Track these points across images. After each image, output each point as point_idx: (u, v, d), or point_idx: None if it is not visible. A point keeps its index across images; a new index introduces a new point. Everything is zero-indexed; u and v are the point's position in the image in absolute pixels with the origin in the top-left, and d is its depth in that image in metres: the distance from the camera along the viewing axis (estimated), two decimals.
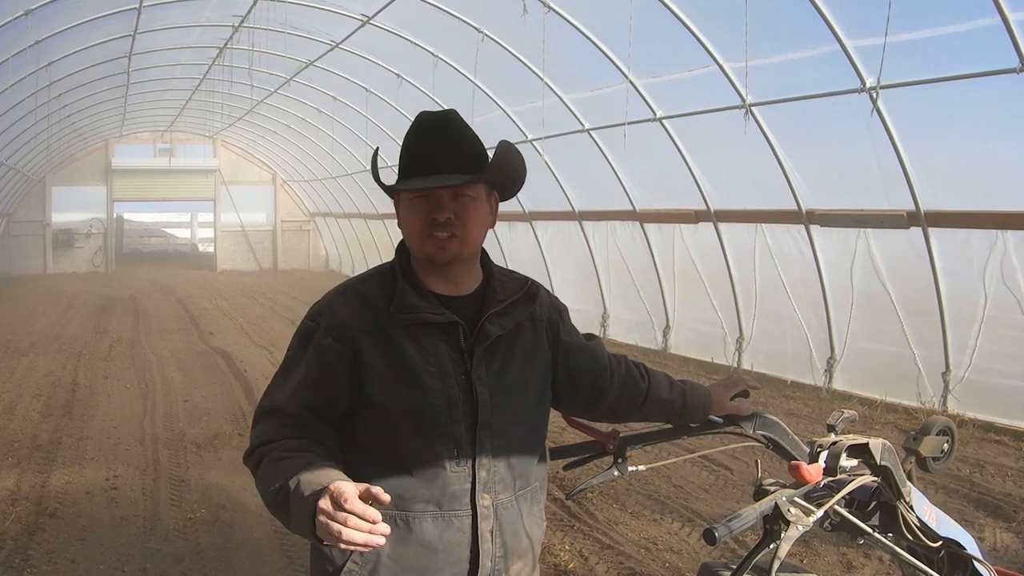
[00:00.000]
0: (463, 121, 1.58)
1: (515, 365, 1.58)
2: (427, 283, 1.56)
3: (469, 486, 1.51)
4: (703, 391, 1.82)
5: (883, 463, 1.60)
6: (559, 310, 1.72)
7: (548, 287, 11.02)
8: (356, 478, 1.49)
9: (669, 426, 1.84)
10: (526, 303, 1.61)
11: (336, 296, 1.57)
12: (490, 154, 1.58)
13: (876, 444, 1.59)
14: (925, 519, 1.68)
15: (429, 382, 1.50)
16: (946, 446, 1.75)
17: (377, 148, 2.10)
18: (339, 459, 1.49)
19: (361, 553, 1.49)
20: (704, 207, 8.28)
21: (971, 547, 1.73)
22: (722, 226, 8.23)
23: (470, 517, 1.52)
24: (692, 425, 1.83)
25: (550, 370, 1.67)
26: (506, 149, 1.58)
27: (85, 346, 10.36)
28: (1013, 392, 6.04)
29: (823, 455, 1.57)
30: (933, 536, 1.68)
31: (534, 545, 1.63)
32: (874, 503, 1.66)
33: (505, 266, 1.82)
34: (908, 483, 1.65)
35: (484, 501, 1.52)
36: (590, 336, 1.80)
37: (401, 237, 1.62)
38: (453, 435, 1.51)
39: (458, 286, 1.58)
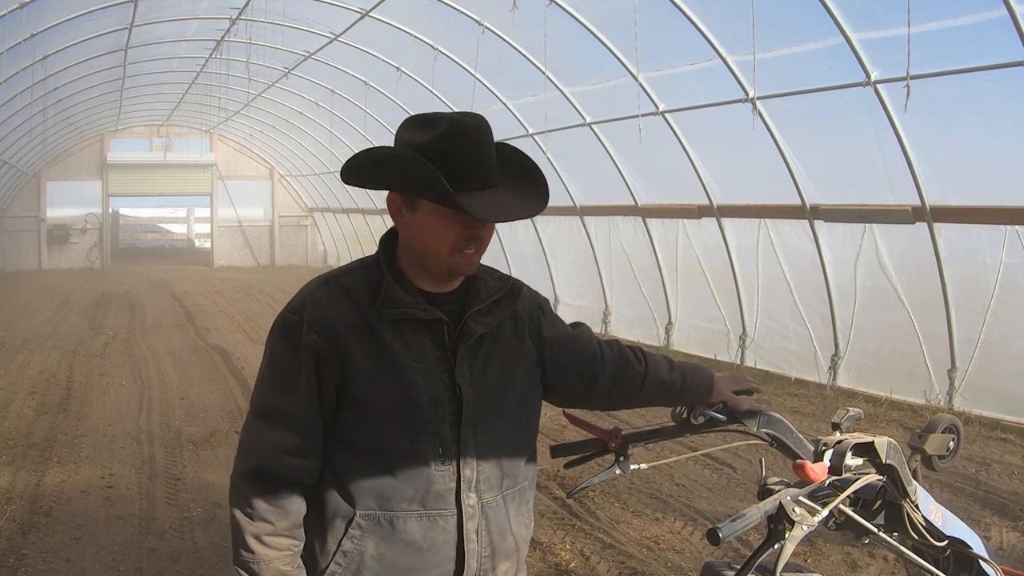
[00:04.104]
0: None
1: (496, 363, 1.57)
2: (413, 279, 1.53)
3: (454, 485, 1.50)
4: (705, 372, 1.80)
5: (888, 462, 1.58)
6: (540, 305, 1.70)
7: (549, 283, 10.84)
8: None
9: (671, 423, 1.81)
10: (508, 302, 1.60)
11: (319, 288, 1.53)
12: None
13: (881, 442, 1.57)
14: (931, 518, 1.66)
15: (415, 379, 1.48)
16: (952, 444, 1.74)
17: (425, 161, 1.48)
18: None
19: (345, 553, 1.48)
20: (707, 202, 8.23)
21: (977, 546, 1.72)
22: (725, 221, 8.17)
23: (455, 516, 1.50)
24: (695, 422, 1.79)
25: (536, 368, 1.64)
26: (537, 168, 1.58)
27: (80, 343, 10.30)
28: (1020, 390, 6.00)
29: (828, 453, 1.57)
30: (939, 535, 1.67)
31: (521, 545, 1.61)
32: (879, 502, 1.64)
33: (506, 262, 1.78)
34: (914, 482, 1.63)
35: (469, 500, 1.51)
36: (576, 324, 1.78)
37: (384, 230, 1.60)
38: (438, 433, 1.49)
39: (443, 283, 1.56)
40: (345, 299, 1.50)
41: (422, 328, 1.50)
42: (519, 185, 1.53)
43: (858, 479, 1.55)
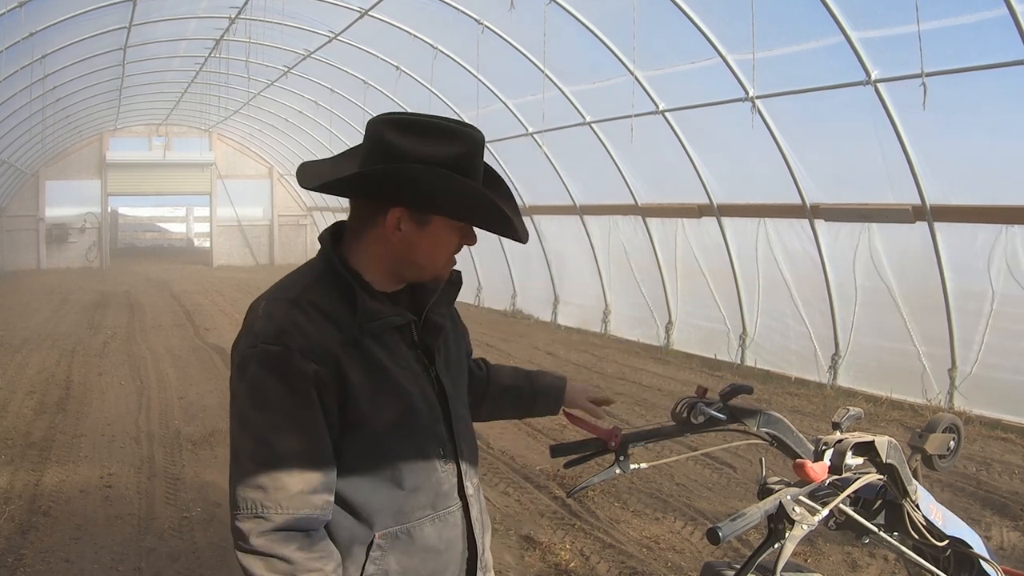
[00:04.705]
0: None
1: (453, 351, 1.61)
2: (372, 283, 1.48)
3: (456, 480, 1.53)
4: (555, 377, 1.86)
5: (889, 461, 1.57)
6: None
7: (549, 282, 10.79)
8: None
9: (672, 423, 1.80)
10: (451, 289, 1.59)
11: (292, 311, 1.40)
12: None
13: (882, 442, 1.57)
14: (931, 518, 1.65)
15: (408, 386, 1.47)
16: (952, 444, 1.73)
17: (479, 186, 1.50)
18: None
19: None
20: (707, 201, 8.22)
21: (978, 546, 1.71)
22: (725, 220, 8.16)
23: (460, 509, 1.53)
24: (695, 421, 1.75)
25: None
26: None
27: (79, 342, 10.28)
28: (1020, 389, 5.99)
29: (828, 453, 1.56)
30: (939, 535, 1.66)
31: (487, 516, 1.68)
32: (880, 501, 1.63)
33: (506, 262, 1.80)
34: (914, 481, 1.63)
35: (469, 489, 1.55)
36: None
37: (318, 233, 1.61)
38: (437, 434, 1.50)
39: (397, 283, 1.52)
40: (322, 318, 1.40)
41: (396, 333, 1.48)
42: (488, 187, 1.50)
43: (858, 478, 1.54)
